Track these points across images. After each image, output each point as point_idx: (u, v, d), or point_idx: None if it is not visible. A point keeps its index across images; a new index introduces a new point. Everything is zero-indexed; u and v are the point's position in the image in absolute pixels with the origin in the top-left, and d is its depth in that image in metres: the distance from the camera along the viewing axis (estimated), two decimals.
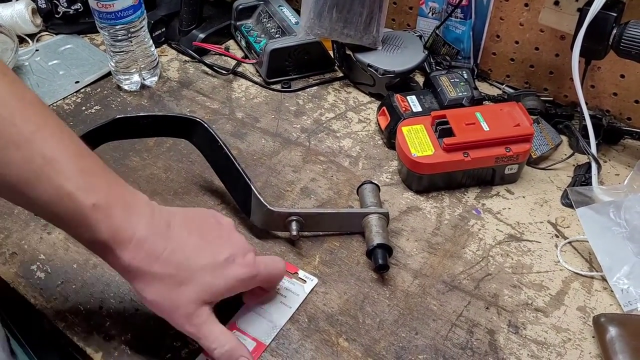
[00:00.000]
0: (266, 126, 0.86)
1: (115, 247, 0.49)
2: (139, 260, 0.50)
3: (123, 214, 0.49)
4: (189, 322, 0.52)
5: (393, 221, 0.72)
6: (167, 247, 0.51)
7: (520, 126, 0.73)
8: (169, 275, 0.51)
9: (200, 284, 0.52)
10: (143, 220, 0.51)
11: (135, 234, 0.49)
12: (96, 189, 0.48)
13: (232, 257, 0.54)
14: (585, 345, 0.60)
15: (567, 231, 0.71)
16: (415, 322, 0.62)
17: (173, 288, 0.51)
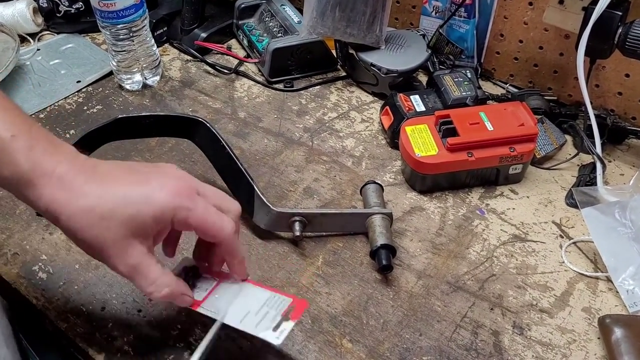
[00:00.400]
0: (269, 126, 0.85)
1: (35, 182, 0.46)
2: (58, 195, 0.46)
3: (45, 149, 0.47)
4: (120, 261, 0.48)
5: (397, 221, 0.71)
6: (89, 179, 0.47)
7: (525, 126, 0.73)
8: (89, 208, 0.46)
9: (123, 215, 0.46)
10: (66, 157, 0.48)
11: (57, 168, 0.47)
12: (17, 123, 0.47)
13: (160, 184, 0.48)
14: (591, 346, 0.60)
15: (572, 231, 0.71)
16: (419, 323, 0.62)
17: (96, 223, 0.46)
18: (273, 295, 0.55)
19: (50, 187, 0.46)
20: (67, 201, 0.46)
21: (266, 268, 0.67)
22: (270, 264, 0.67)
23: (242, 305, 0.55)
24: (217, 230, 0.50)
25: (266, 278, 0.65)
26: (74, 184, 0.46)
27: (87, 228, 0.46)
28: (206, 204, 0.50)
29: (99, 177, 0.48)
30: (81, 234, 0.47)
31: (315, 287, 0.65)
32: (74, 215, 0.46)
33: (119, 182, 0.48)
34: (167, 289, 0.50)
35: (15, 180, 0.46)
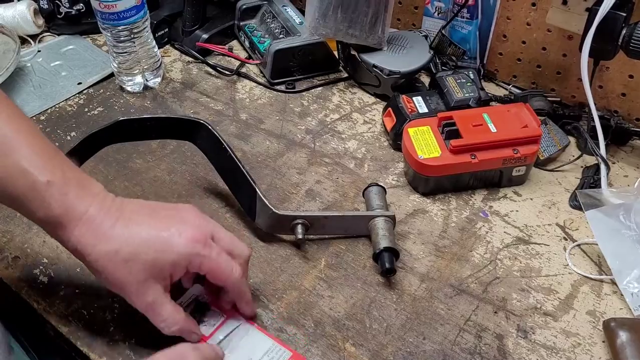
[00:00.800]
0: (270, 127, 0.85)
1: (67, 225, 0.50)
2: (87, 238, 0.50)
3: (76, 193, 0.51)
4: (138, 299, 0.53)
5: (399, 224, 0.71)
6: (115, 223, 0.51)
7: (528, 127, 0.72)
8: (114, 251, 0.51)
9: (144, 259, 0.51)
10: (96, 200, 0.52)
11: (87, 212, 0.51)
12: (51, 168, 0.51)
13: (179, 231, 0.53)
14: (596, 350, 0.60)
15: (576, 234, 0.70)
16: (422, 327, 0.62)
17: (119, 265, 0.51)
18: (275, 346, 0.58)
19: (79, 230, 0.51)
20: (94, 244, 0.51)
21: (268, 271, 0.66)
22: (272, 267, 0.67)
23: (245, 351, 0.58)
24: (227, 276, 0.55)
25: (268, 281, 0.65)
26: (101, 228, 0.51)
27: (111, 270, 0.51)
28: (219, 250, 0.54)
29: (124, 220, 0.52)
30: (105, 274, 0.52)
31: (318, 291, 0.65)
32: (100, 258, 0.51)
33: (142, 226, 0.52)
34: (176, 327, 0.54)
35: (47, 222, 0.51)
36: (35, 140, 0.52)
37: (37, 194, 0.50)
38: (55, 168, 0.51)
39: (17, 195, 0.50)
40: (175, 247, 0.52)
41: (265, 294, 0.64)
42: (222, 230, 0.57)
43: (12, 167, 0.50)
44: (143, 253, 0.51)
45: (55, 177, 0.51)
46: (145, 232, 0.52)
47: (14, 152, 0.50)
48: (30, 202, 0.50)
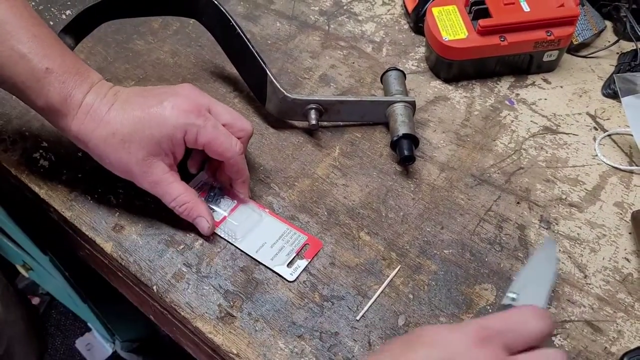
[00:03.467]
0: (281, 8, 0.78)
1: (66, 113, 0.51)
2: (86, 125, 0.51)
3: (75, 81, 0.51)
4: (144, 179, 0.53)
5: (419, 111, 0.66)
6: (111, 108, 0.51)
7: (565, 6, 0.66)
8: (111, 134, 0.51)
9: (140, 137, 0.51)
10: (93, 88, 0.52)
11: (85, 99, 0.51)
12: (50, 55, 0.50)
13: (171, 104, 0.51)
14: (621, 241, 0.57)
15: (607, 123, 0.66)
16: (441, 217, 0.59)
17: (118, 147, 0.51)
18: (289, 230, 0.57)
19: (78, 118, 0.51)
20: (92, 130, 0.51)
21: (279, 158, 0.63)
22: (283, 154, 0.63)
23: (259, 235, 0.57)
24: (224, 148, 0.53)
25: (279, 169, 0.62)
26: (98, 114, 0.51)
27: (112, 153, 0.51)
28: (215, 123, 0.53)
29: (120, 103, 0.51)
30: (108, 159, 0.52)
31: (332, 179, 0.62)
32: (99, 143, 0.51)
33: (136, 106, 0.51)
34: (186, 205, 0.54)
35: (47, 110, 0.51)
36: (35, 27, 0.51)
37: (36, 81, 0.50)
38: (54, 55, 0.51)
39: (17, 82, 0.50)
40: (169, 119, 0.51)
41: (277, 182, 0.61)
42: (221, 105, 0.55)
43: (11, 53, 0.49)
44: (139, 131, 0.51)
45: (54, 64, 0.50)
46: (139, 110, 0.51)
47: (13, 37, 0.50)
48: (29, 89, 0.50)
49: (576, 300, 0.54)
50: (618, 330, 0.52)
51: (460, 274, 0.55)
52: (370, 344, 0.51)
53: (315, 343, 0.51)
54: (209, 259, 0.56)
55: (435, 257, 0.56)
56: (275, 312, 0.53)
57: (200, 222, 0.55)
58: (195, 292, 0.54)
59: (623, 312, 0.53)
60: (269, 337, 0.51)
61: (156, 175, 0.52)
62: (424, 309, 0.53)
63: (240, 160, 0.55)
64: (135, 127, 0.51)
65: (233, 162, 0.54)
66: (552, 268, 0.47)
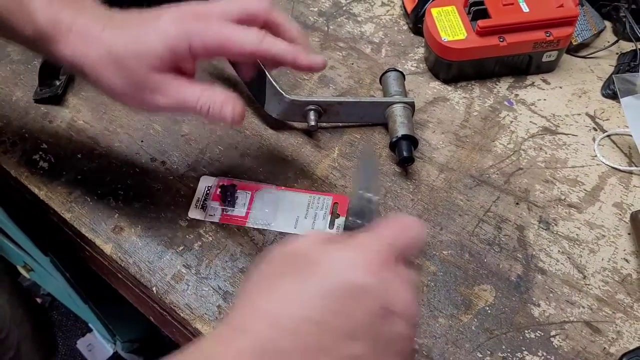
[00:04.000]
0: (281, 9, 0.78)
1: (58, 38, 0.46)
2: (80, 47, 0.46)
3: (63, 3, 0.47)
4: (159, 97, 0.47)
5: (418, 112, 0.66)
6: (104, 28, 0.46)
7: (564, 7, 0.66)
8: (106, 53, 0.46)
9: (138, 52, 0.45)
10: (84, 10, 0.47)
11: (75, 22, 0.46)
12: None
13: (172, 16, 0.46)
14: (620, 242, 0.57)
15: (607, 124, 0.66)
16: (440, 217, 0.59)
17: (118, 68, 0.46)
18: (313, 197, 0.59)
19: (72, 41, 0.46)
20: (87, 51, 0.46)
21: (279, 159, 0.63)
22: (283, 155, 0.63)
23: (288, 212, 0.58)
24: (241, 45, 0.46)
25: (279, 170, 0.62)
26: (92, 34, 0.46)
27: (111, 73, 0.46)
28: (220, 21, 0.47)
29: (114, 24, 0.47)
30: (107, 80, 0.46)
31: (331, 180, 0.62)
32: (95, 64, 0.46)
33: (133, 22, 0.47)
34: (212, 96, 0.47)
35: (38, 38, 0.46)
36: None
37: (21, 7, 0.46)
38: None
39: (4, 12, 0.46)
40: (167, 30, 0.45)
41: (276, 183, 0.61)
42: (224, 1, 0.49)
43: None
44: (134, 44, 0.45)
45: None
46: (135, 27, 0.46)
47: None
48: (16, 18, 0.46)
49: (575, 300, 0.54)
50: (617, 330, 0.52)
51: (459, 274, 0.55)
52: None
53: None
54: (208, 260, 0.56)
55: (434, 258, 0.56)
56: None
57: (235, 105, 0.48)
58: (195, 294, 0.54)
59: (622, 312, 0.53)
60: None
61: (170, 84, 0.47)
62: (423, 310, 0.53)
63: (269, 46, 0.47)
64: (129, 42, 0.46)
65: (262, 54, 0.47)
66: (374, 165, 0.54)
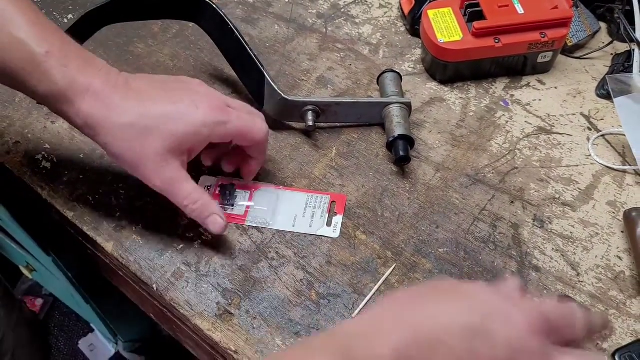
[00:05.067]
0: (280, 11, 0.79)
1: (73, 98, 0.48)
2: (97, 110, 0.48)
3: (78, 65, 0.48)
4: (157, 176, 0.50)
5: (415, 112, 0.67)
6: (126, 97, 0.49)
7: (559, 8, 0.67)
8: (129, 124, 0.48)
9: (162, 131, 0.49)
10: (100, 73, 0.49)
11: (92, 84, 0.48)
12: (49, 39, 0.48)
13: (196, 102, 0.51)
14: (614, 240, 0.58)
15: (601, 124, 0.67)
16: (436, 216, 0.60)
17: (135, 138, 0.49)
18: (311, 196, 0.60)
19: (88, 103, 0.48)
20: (106, 116, 0.48)
21: (277, 160, 0.64)
22: (281, 155, 0.64)
23: (286, 211, 0.60)
24: (256, 133, 0.54)
25: (277, 170, 0.63)
26: (112, 100, 0.48)
27: (126, 144, 0.49)
28: (238, 113, 0.53)
29: (134, 94, 0.49)
30: (119, 149, 0.49)
31: (329, 179, 0.63)
32: (113, 130, 0.48)
33: (156, 100, 0.50)
34: (199, 202, 0.52)
35: (51, 97, 0.48)
36: (33, 14, 0.49)
37: (36, 66, 0.47)
38: (54, 40, 0.48)
39: (16, 70, 0.48)
40: (195, 117, 0.50)
41: (274, 183, 0.62)
42: (234, 100, 0.56)
43: (8, 39, 0.47)
44: (161, 125, 0.49)
45: (54, 48, 0.48)
46: (161, 105, 0.50)
47: (10, 24, 0.48)
48: (30, 75, 0.48)
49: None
50: (610, 327, 0.52)
51: (455, 272, 0.56)
52: None
53: None
54: (207, 258, 0.57)
55: (430, 256, 0.57)
56: (272, 309, 0.54)
57: (214, 220, 0.53)
58: (195, 291, 0.55)
59: (615, 309, 0.54)
60: (267, 334, 0.52)
61: (171, 172, 0.50)
62: None
63: (266, 139, 0.56)
64: (157, 122, 0.49)
65: (261, 142, 0.55)
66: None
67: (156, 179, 0.51)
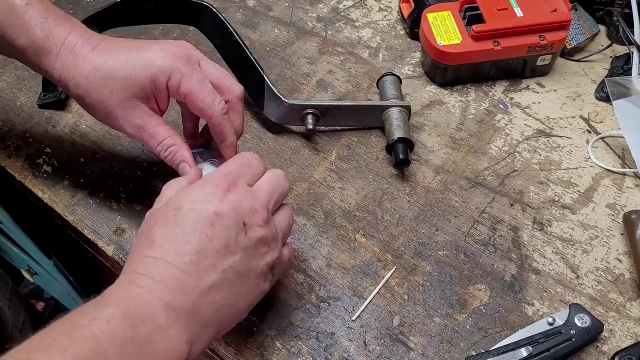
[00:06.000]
0: (280, 15, 0.80)
1: (50, 50, 0.49)
2: (69, 62, 0.49)
3: (57, 19, 0.49)
4: (127, 122, 0.50)
5: (415, 116, 0.67)
6: (96, 48, 0.49)
7: (558, 12, 0.67)
8: (94, 70, 0.48)
9: (123, 75, 0.48)
10: (77, 29, 0.50)
11: (68, 37, 0.49)
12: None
13: (163, 49, 0.49)
14: (613, 242, 0.58)
15: (600, 127, 0.67)
16: (436, 219, 0.60)
17: (99, 85, 0.48)
18: None
19: (62, 55, 0.49)
20: (75, 67, 0.49)
21: (278, 163, 0.64)
22: (282, 158, 0.65)
23: None
24: (206, 106, 0.50)
25: None
26: (82, 52, 0.49)
27: (93, 91, 0.49)
28: (204, 77, 0.50)
29: (105, 46, 0.49)
30: (88, 97, 0.49)
31: (329, 182, 0.63)
32: (81, 80, 0.49)
33: (124, 47, 0.49)
34: (170, 149, 0.51)
35: (31, 49, 0.49)
36: None
37: (16, 18, 0.48)
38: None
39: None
40: (155, 61, 0.48)
41: None
42: (212, 63, 0.53)
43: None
44: (121, 69, 0.48)
45: (34, 2, 0.49)
46: (126, 52, 0.49)
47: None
48: (11, 27, 0.49)
49: (569, 300, 0.54)
50: (610, 329, 0.53)
51: (455, 275, 0.56)
52: (366, 344, 0.52)
53: (312, 343, 0.52)
54: None
55: (430, 259, 0.57)
56: (273, 312, 0.54)
57: (183, 169, 0.51)
58: None
59: (615, 312, 0.54)
60: (267, 338, 0.52)
61: (140, 118, 0.49)
62: (419, 310, 0.54)
63: (223, 121, 0.51)
64: (118, 65, 0.48)
65: (215, 123, 0.51)
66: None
67: (127, 126, 0.50)
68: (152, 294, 0.39)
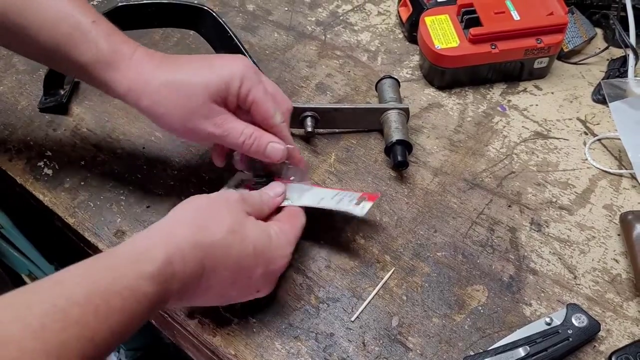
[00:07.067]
0: (279, 19, 0.80)
1: (118, 64, 0.50)
2: (139, 75, 0.50)
3: (121, 37, 0.52)
4: (208, 121, 0.51)
5: (413, 118, 0.68)
6: (161, 65, 0.51)
7: (554, 15, 0.67)
8: (169, 81, 0.50)
9: (200, 81, 0.51)
10: (140, 47, 0.52)
11: (135, 53, 0.51)
12: (92, 12, 0.52)
13: (232, 60, 0.53)
14: (610, 243, 0.58)
15: (597, 128, 0.67)
16: (434, 220, 0.60)
17: (180, 92, 0.50)
18: (342, 192, 0.57)
19: (132, 68, 0.50)
20: (147, 81, 0.50)
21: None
22: None
23: (315, 195, 0.57)
24: (269, 115, 0.54)
25: None
26: (148, 69, 0.51)
27: (171, 99, 0.50)
28: (265, 88, 0.54)
29: (171, 62, 0.52)
30: (165, 107, 0.51)
31: (328, 184, 0.63)
32: (156, 91, 0.50)
33: (192, 60, 0.53)
34: (253, 136, 0.53)
35: (97, 63, 0.50)
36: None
37: (84, 34, 0.50)
38: (98, 14, 0.52)
39: (62, 42, 0.50)
40: (231, 67, 0.52)
41: None
42: (268, 78, 0.56)
43: (55, 12, 0.50)
44: (197, 76, 0.51)
45: (100, 19, 0.51)
46: (195, 62, 0.53)
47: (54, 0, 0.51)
48: (75, 45, 0.50)
49: (566, 300, 0.55)
50: (607, 329, 0.53)
51: (453, 275, 0.57)
52: (365, 344, 0.52)
53: (311, 344, 0.52)
54: None
55: (428, 260, 0.58)
56: (272, 313, 0.54)
57: (273, 148, 0.54)
58: None
59: (612, 311, 0.54)
60: (266, 339, 0.53)
61: (219, 115, 0.52)
62: (417, 310, 0.54)
63: (283, 128, 0.55)
64: (192, 74, 0.51)
65: (276, 130, 0.54)
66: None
67: (208, 125, 0.51)
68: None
